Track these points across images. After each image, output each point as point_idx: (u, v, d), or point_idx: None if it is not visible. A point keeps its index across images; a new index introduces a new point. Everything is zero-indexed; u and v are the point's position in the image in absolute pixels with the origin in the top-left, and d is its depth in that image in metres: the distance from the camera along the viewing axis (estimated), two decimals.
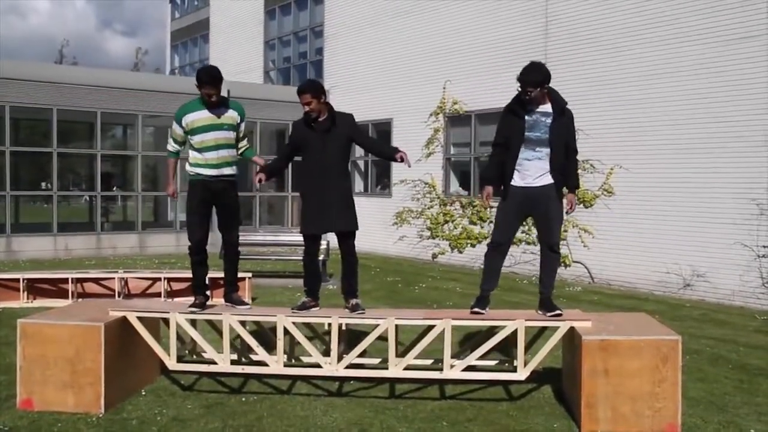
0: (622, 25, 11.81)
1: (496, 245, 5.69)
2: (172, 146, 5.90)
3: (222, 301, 6.23)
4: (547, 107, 5.47)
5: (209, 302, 5.97)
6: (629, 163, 11.73)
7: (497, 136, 5.68)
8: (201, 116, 5.68)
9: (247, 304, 5.94)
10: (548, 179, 5.49)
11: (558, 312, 5.45)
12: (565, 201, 5.68)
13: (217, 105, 5.69)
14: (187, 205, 5.86)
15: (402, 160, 5.58)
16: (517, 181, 5.53)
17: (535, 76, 5.35)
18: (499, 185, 5.63)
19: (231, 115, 5.76)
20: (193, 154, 5.76)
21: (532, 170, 5.47)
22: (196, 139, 5.69)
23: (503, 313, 5.82)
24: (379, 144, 5.98)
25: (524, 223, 13.81)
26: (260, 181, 5.76)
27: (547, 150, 5.45)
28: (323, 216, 5.65)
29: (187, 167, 5.81)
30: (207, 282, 6.06)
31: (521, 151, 5.47)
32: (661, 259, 11.22)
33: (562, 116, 5.47)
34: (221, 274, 6.15)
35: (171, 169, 6.05)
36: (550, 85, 5.45)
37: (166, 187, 6.12)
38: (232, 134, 5.78)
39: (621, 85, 11.82)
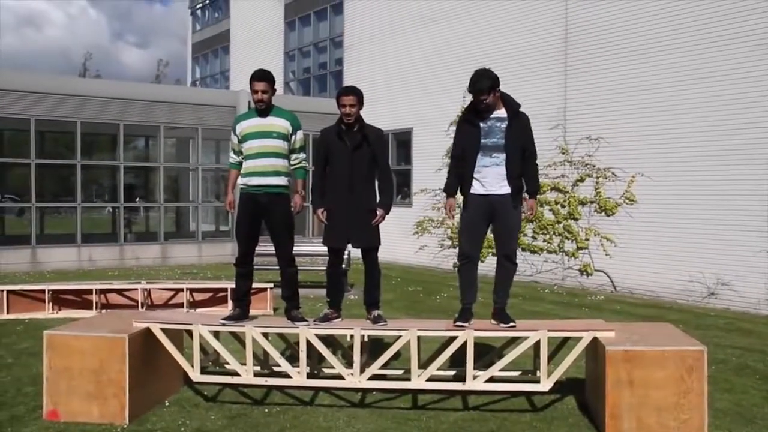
0: (641, 31, 11.74)
1: (466, 258, 5.66)
2: (232, 157, 5.93)
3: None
4: (501, 112, 5.48)
5: (251, 314, 5.90)
6: (651, 171, 11.63)
7: (454, 148, 5.67)
8: (251, 123, 5.72)
9: (306, 321, 5.68)
10: (506, 188, 5.46)
11: (512, 324, 5.42)
12: (525, 205, 5.63)
13: (269, 113, 5.72)
14: (237, 216, 5.91)
15: (375, 217, 5.64)
16: (477, 189, 5.50)
17: (484, 83, 5.35)
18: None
19: (282, 124, 5.73)
20: (243, 164, 5.78)
21: (491, 177, 5.45)
22: (245, 147, 5.72)
23: (526, 323, 5.78)
24: (386, 182, 5.91)
25: (544, 232, 13.96)
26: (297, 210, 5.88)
27: (504, 156, 5.43)
28: (347, 229, 5.68)
29: (239, 179, 5.82)
30: (247, 295, 5.90)
31: (479, 159, 5.45)
32: (684, 267, 11.10)
33: (517, 119, 5.47)
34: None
35: (231, 180, 6.00)
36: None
37: (225, 197, 6.13)
38: (281, 143, 5.72)
39: (641, 93, 11.74)
